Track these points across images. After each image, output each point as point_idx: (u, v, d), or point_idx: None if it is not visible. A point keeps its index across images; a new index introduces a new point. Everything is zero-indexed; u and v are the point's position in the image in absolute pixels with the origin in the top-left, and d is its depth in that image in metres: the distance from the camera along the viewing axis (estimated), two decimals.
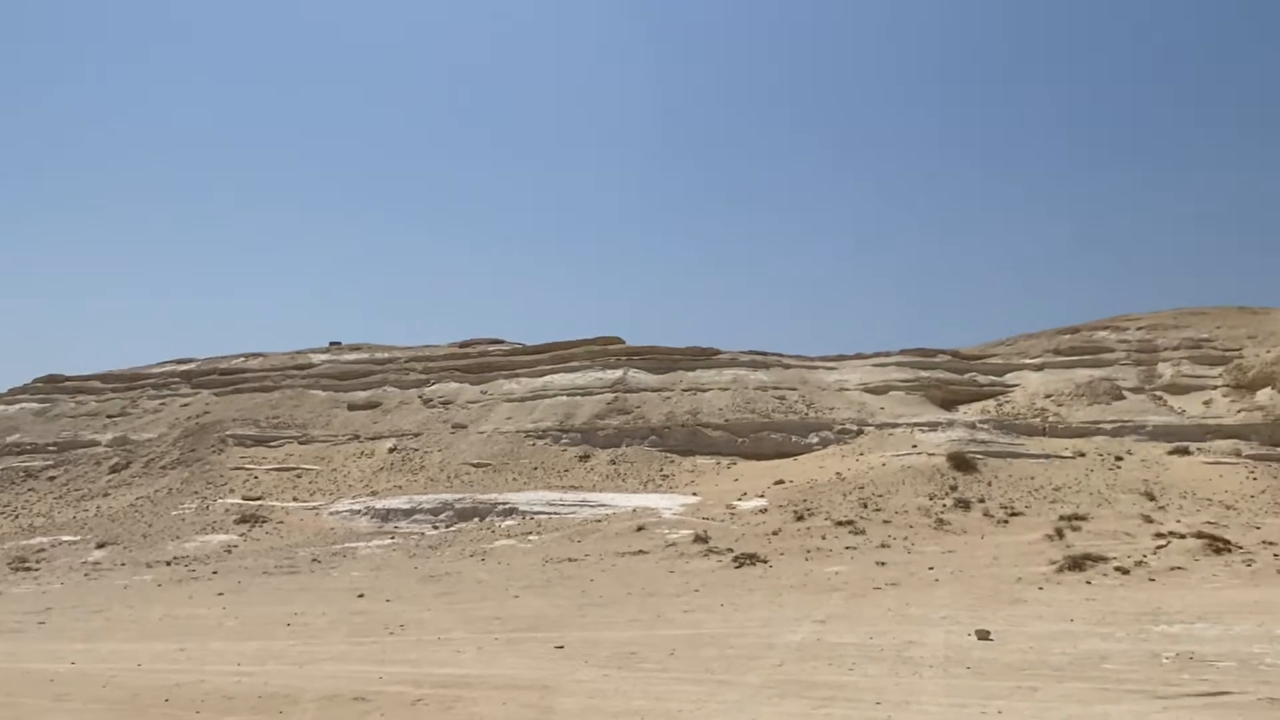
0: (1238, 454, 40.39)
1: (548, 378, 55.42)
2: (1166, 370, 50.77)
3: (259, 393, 59.05)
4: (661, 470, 44.92)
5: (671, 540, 30.11)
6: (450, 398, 55.20)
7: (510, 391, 54.69)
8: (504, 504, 38.17)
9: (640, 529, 32.30)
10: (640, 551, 28.82)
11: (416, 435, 50.77)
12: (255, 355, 67.45)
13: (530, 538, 32.95)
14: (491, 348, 62.67)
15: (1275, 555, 21.50)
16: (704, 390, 51.74)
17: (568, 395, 52.55)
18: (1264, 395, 46.90)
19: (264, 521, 38.74)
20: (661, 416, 49.30)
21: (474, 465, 45.77)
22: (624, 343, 58.52)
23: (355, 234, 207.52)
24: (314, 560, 31.39)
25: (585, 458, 46.47)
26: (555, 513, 36.75)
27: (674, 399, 51.08)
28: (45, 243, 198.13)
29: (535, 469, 45.08)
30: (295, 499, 43.06)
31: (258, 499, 43.04)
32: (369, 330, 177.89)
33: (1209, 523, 28.18)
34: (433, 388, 56.98)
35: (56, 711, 11.27)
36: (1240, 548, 22.52)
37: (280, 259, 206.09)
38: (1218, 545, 22.24)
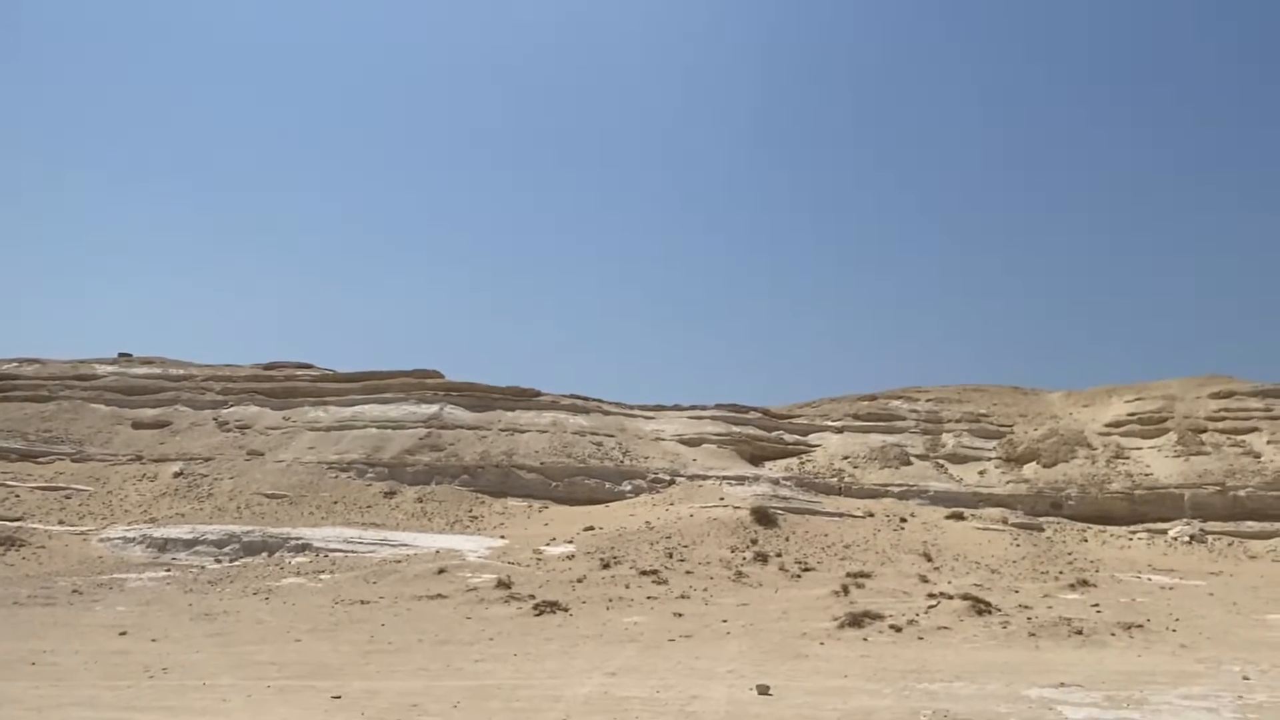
0: (1004, 521, 44.14)
1: (358, 408, 53.40)
2: (949, 440, 55.07)
3: (31, 402, 53.52)
4: (471, 511, 44.04)
5: (473, 585, 29.44)
6: (249, 422, 52.08)
7: (316, 420, 52.24)
8: (297, 539, 36.16)
9: (441, 571, 31.40)
10: (439, 595, 27.98)
11: (207, 460, 47.45)
12: (31, 361, 61.14)
13: (322, 576, 31.33)
14: (299, 372, 59.70)
15: (1028, 619, 23.50)
16: (522, 431, 51.38)
17: (378, 428, 50.80)
18: (1029, 469, 51.71)
19: (21, 545, 34.88)
20: (476, 455, 48.50)
21: (268, 496, 43.20)
22: (443, 377, 57.36)
23: (158, 239, 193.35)
24: (75, 591, 28.50)
25: (391, 494, 44.90)
26: (352, 551, 35.17)
27: (490, 438, 50.41)
28: None
29: (336, 504, 43.09)
30: (61, 522, 39.09)
31: (17, 520, 38.74)
32: (165, 344, 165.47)
33: (975, 585, 30.51)
34: (230, 410, 53.59)
35: None
36: (999, 610, 24.47)
37: (69, 257, 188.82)
38: (980, 607, 24.08)
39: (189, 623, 23.01)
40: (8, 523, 38.18)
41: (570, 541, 37.37)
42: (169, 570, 32.89)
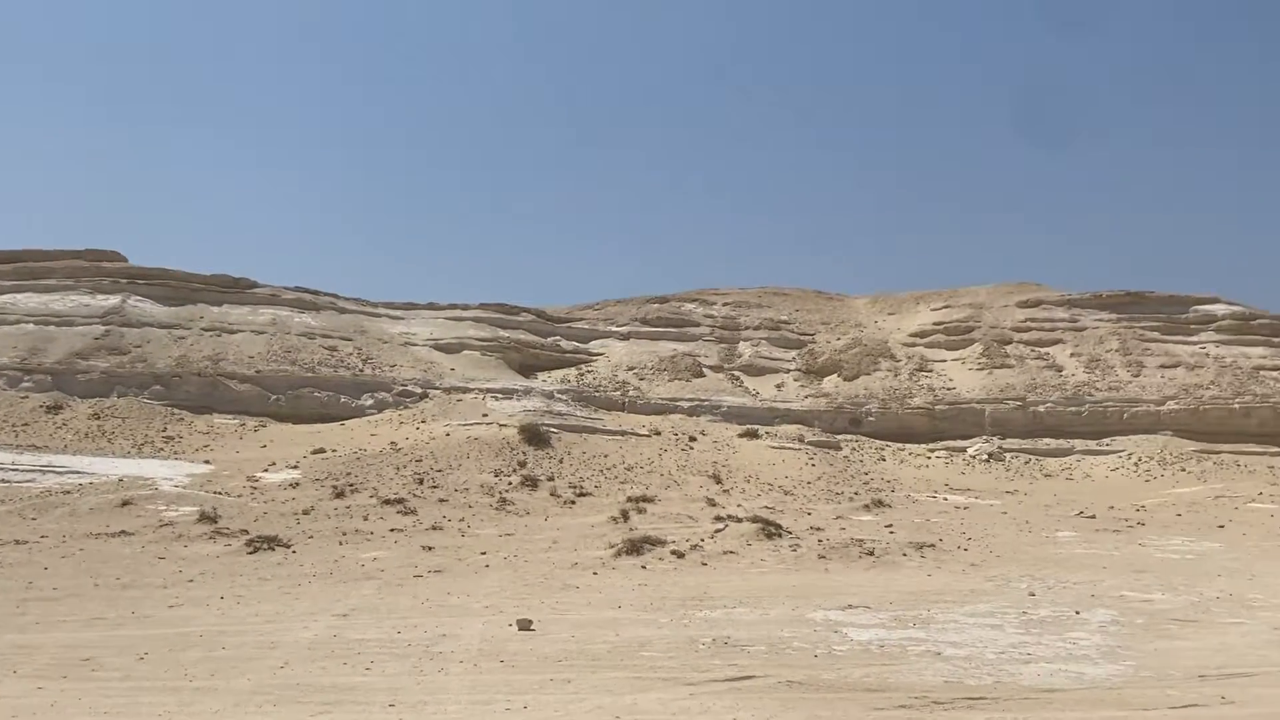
0: (800, 440, 47.33)
1: (8, 296, 48.82)
2: (746, 350, 57.95)
3: None
4: (165, 430, 41.88)
5: (168, 519, 28.18)
6: None
7: None
8: None
9: (126, 504, 29.80)
10: (123, 533, 26.60)
11: None
12: None
13: None
14: None
15: (819, 541, 25.54)
16: (232, 331, 49.05)
17: (36, 323, 46.92)
18: (830, 382, 55.50)
19: None
20: (171, 361, 45.89)
21: None
22: (126, 261, 53.41)
23: None
24: None
25: (56, 409, 41.84)
26: (4, 480, 32.53)
27: (190, 340, 47.80)
28: None
29: None
30: None
31: None
32: None
33: (767, 508, 32.71)
34: None
35: None
36: (790, 533, 26.42)
37: None
38: (770, 530, 25.87)
39: None
40: None
41: (295, 466, 36.55)
42: None
